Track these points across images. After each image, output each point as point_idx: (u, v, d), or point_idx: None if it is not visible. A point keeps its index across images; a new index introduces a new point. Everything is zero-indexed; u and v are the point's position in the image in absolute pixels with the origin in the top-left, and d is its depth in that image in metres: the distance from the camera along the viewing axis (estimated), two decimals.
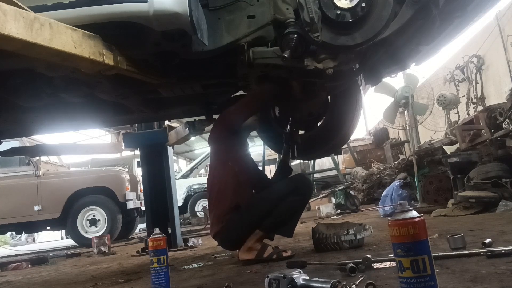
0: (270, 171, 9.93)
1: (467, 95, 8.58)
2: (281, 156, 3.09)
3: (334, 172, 8.74)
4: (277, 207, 2.37)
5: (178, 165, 14.80)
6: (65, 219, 6.91)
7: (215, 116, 3.16)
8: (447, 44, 2.46)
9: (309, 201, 7.54)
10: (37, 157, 6.80)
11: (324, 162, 9.94)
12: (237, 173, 2.43)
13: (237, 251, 2.49)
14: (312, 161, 8.68)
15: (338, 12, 1.72)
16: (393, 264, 1.65)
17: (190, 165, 13.34)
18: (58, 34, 1.48)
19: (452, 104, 8.51)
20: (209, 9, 1.95)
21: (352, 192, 7.32)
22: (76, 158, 11.03)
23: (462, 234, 1.93)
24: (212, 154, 2.63)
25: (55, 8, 1.58)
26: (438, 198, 4.74)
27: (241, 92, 2.89)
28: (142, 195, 6.22)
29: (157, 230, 1.80)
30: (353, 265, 1.65)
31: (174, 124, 4.40)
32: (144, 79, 2.08)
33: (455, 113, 8.73)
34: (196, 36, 1.77)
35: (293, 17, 1.88)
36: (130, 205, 7.10)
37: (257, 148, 11.42)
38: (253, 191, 2.59)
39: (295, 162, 10.39)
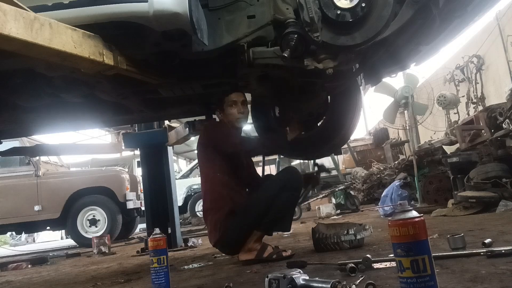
0: (270, 171, 9.92)
1: (467, 95, 8.58)
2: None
3: (334, 172, 8.74)
4: (271, 206, 2.37)
5: (178, 165, 14.79)
6: (65, 219, 6.90)
7: (215, 116, 3.17)
8: (447, 44, 2.46)
9: (309, 201, 7.54)
10: (37, 157, 6.79)
11: (324, 162, 9.92)
12: (228, 181, 2.46)
13: None
14: (312, 161, 8.68)
15: (338, 12, 1.72)
16: (393, 264, 1.65)
17: (190, 165, 13.33)
18: (58, 34, 1.48)
19: (452, 104, 8.51)
20: (209, 9, 1.94)
21: (352, 192, 7.31)
22: (76, 158, 11.03)
23: (462, 234, 1.93)
24: (200, 163, 2.65)
25: (55, 8, 1.58)
26: (438, 198, 4.74)
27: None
28: (142, 195, 6.22)
29: (157, 230, 1.80)
30: (353, 265, 1.65)
31: (174, 124, 4.40)
32: (144, 79, 2.08)
33: (455, 113, 8.73)
34: (196, 36, 1.77)
35: (293, 17, 1.88)
36: (130, 205, 7.10)
37: None
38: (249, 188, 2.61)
39: (295, 162, 10.40)
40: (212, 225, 2.46)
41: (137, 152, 6.74)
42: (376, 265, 1.72)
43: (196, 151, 2.68)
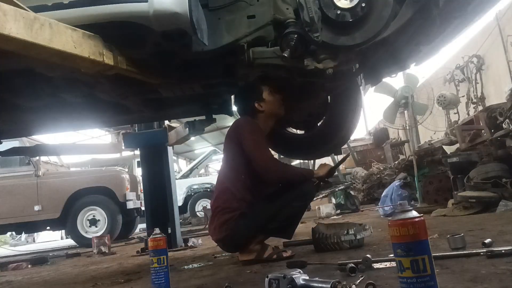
0: None
1: (467, 95, 8.58)
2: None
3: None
4: (280, 212, 2.35)
5: (178, 165, 14.81)
6: (65, 219, 6.90)
7: (216, 116, 3.17)
8: (447, 44, 2.46)
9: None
10: (37, 157, 6.79)
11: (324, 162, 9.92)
12: (249, 185, 2.41)
13: None
14: (312, 161, 8.68)
15: (338, 12, 1.72)
16: (393, 264, 1.65)
17: (190, 165, 13.36)
18: (58, 34, 1.48)
19: (452, 104, 8.50)
20: (209, 9, 1.94)
21: (352, 192, 7.31)
22: (76, 158, 11.04)
23: (462, 234, 1.93)
24: (226, 159, 2.56)
25: (55, 8, 1.58)
26: (438, 198, 4.73)
27: None
28: (142, 195, 6.23)
29: (157, 230, 1.80)
30: (353, 265, 1.64)
31: (174, 124, 4.40)
32: (144, 79, 2.09)
33: (455, 113, 8.73)
34: (196, 36, 1.77)
35: (293, 17, 1.88)
36: (130, 205, 7.10)
37: None
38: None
39: (295, 162, 10.40)
40: (219, 223, 2.41)
41: (137, 152, 6.74)
42: (376, 265, 1.72)
43: (195, 151, 2.65)
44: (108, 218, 6.98)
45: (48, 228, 7.56)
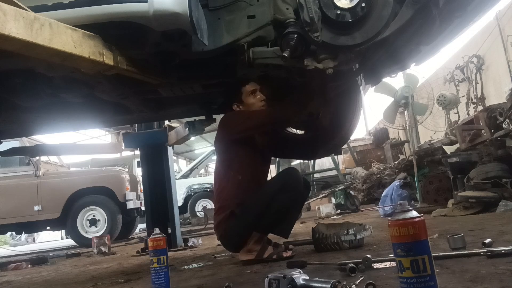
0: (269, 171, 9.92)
1: (467, 95, 8.59)
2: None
3: (334, 172, 8.73)
4: (269, 207, 2.35)
5: (178, 165, 14.81)
6: (65, 219, 6.90)
7: (215, 116, 3.17)
8: (447, 44, 2.46)
9: (309, 201, 7.53)
10: (37, 157, 6.79)
11: (324, 162, 9.93)
12: (241, 181, 2.43)
13: None
14: (312, 161, 8.68)
15: (338, 12, 1.72)
16: (393, 264, 1.65)
17: (190, 165, 13.37)
18: (58, 34, 1.48)
19: (452, 104, 8.51)
20: (209, 9, 1.94)
21: (352, 192, 7.31)
22: (76, 158, 11.04)
23: (462, 234, 1.93)
24: (217, 160, 2.65)
25: (55, 8, 1.58)
26: (438, 198, 4.74)
27: None
28: (142, 195, 6.23)
29: (157, 230, 1.80)
30: (353, 265, 1.65)
31: (174, 124, 4.40)
32: (144, 79, 2.08)
33: (455, 113, 8.73)
34: (196, 36, 1.77)
35: (293, 17, 1.88)
36: (130, 205, 7.10)
37: None
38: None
39: (295, 162, 10.40)
40: (215, 223, 2.51)
41: (137, 152, 6.74)
42: (376, 265, 1.72)
43: (195, 151, 2.67)
44: (108, 218, 6.98)
45: (48, 228, 7.56)
